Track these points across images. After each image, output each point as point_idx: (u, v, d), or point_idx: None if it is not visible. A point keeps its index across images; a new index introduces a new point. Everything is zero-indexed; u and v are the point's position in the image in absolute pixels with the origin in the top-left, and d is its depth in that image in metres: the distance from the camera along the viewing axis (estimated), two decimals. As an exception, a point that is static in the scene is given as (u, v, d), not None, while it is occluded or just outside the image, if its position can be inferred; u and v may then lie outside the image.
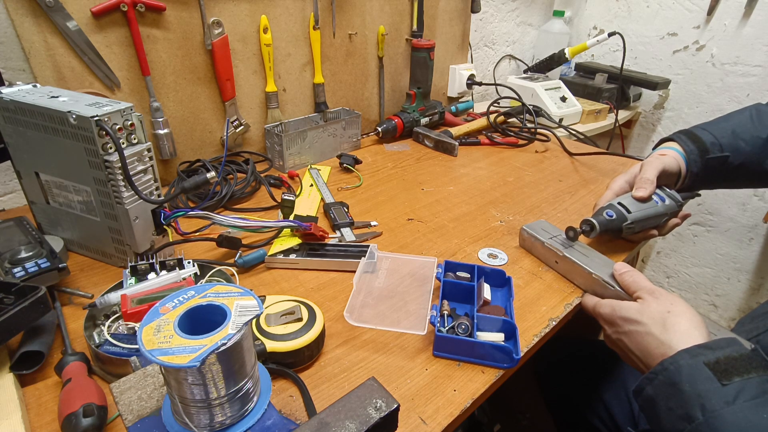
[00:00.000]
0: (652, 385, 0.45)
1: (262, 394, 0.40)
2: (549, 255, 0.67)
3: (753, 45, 1.37)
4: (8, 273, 0.53)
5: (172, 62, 0.82)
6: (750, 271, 1.61)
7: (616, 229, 0.67)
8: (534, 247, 0.69)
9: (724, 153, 0.70)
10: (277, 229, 0.70)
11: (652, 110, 1.64)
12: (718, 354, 0.42)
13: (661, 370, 0.44)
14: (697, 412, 0.40)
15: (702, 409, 0.39)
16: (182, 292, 0.38)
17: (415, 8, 1.14)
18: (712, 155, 0.70)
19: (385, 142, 1.13)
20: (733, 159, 0.70)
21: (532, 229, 0.69)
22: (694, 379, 0.41)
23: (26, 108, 0.56)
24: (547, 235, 0.68)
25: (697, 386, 0.40)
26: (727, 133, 0.71)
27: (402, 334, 0.55)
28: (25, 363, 0.47)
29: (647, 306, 0.50)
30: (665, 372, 0.44)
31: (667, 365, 0.44)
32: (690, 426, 0.40)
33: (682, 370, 0.42)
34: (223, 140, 0.94)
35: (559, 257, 0.65)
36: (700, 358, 0.42)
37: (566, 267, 0.64)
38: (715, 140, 0.71)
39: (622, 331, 0.51)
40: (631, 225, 0.66)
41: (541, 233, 0.68)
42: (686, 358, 0.43)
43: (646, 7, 1.56)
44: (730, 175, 0.71)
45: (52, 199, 0.64)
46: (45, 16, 0.69)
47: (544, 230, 0.69)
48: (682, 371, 0.42)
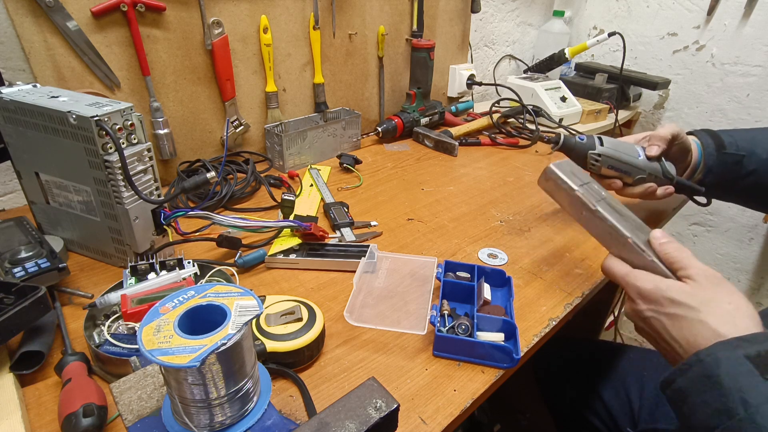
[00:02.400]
0: (684, 377, 0.42)
1: (262, 394, 0.40)
2: (576, 205, 0.56)
3: (753, 45, 1.37)
4: (8, 273, 0.53)
5: (172, 62, 0.82)
6: (750, 271, 1.61)
7: (581, 154, 0.67)
8: (558, 193, 0.59)
9: (740, 152, 0.71)
10: (277, 229, 0.70)
11: (652, 110, 1.64)
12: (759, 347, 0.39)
13: (696, 361, 0.41)
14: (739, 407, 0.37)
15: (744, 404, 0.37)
16: (182, 292, 0.38)
17: (415, 8, 1.14)
18: (727, 151, 0.71)
19: (385, 142, 1.13)
20: (747, 162, 0.71)
21: (560, 171, 0.58)
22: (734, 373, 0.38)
23: (26, 108, 0.56)
24: (578, 181, 0.57)
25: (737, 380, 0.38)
26: (747, 137, 0.72)
27: (402, 334, 0.55)
28: (25, 363, 0.47)
29: (703, 291, 0.45)
30: (700, 363, 0.41)
31: (703, 357, 0.41)
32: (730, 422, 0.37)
33: (721, 362, 0.39)
34: (223, 140, 0.94)
35: (588, 210, 0.55)
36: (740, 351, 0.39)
37: (594, 223, 0.55)
38: (733, 141, 0.72)
39: (664, 312, 0.46)
40: (596, 156, 0.67)
41: (572, 178, 0.57)
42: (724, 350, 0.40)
43: (646, 7, 1.56)
44: (742, 180, 0.72)
45: (52, 199, 0.64)
46: (45, 16, 0.69)
47: (574, 174, 0.58)
48: (720, 363, 0.39)
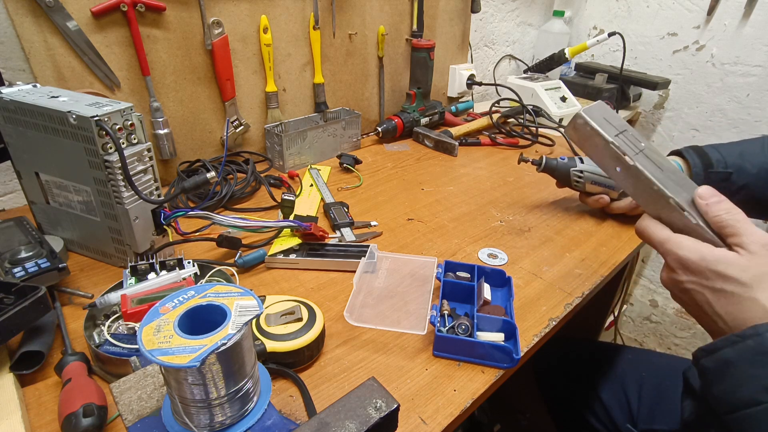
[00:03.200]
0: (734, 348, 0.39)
1: (262, 394, 0.40)
2: (610, 158, 0.49)
3: (753, 45, 1.37)
4: (8, 273, 0.53)
5: (172, 62, 0.82)
6: (750, 271, 1.60)
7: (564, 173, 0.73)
8: (590, 142, 0.51)
9: (728, 170, 0.71)
10: (277, 229, 0.70)
11: (652, 110, 1.64)
12: None
13: (754, 334, 0.39)
14: None
15: None
16: (182, 292, 0.38)
17: (415, 8, 1.14)
18: (714, 170, 0.72)
19: (385, 142, 1.13)
20: (736, 178, 0.71)
21: (592, 118, 0.50)
22: None
23: (26, 108, 0.56)
24: (613, 130, 0.50)
25: None
26: (735, 153, 0.73)
27: (402, 334, 0.55)
28: (25, 363, 0.47)
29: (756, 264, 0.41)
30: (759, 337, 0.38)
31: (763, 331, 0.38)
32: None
33: None
34: (223, 140, 0.94)
35: (624, 164, 0.48)
36: None
37: (631, 180, 0.49)
38: (721, 158, 0.72)
39: (709, 286, 0.43)
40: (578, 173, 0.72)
41: (605, 126, 0.49)
42: None
43: (646, 7, 1.56)
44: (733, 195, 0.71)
45: (52, 199, 0.64)
46: (45, 16, 0.69)
47: (608, 121, 0.50)
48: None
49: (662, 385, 0.77)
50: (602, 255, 0.71)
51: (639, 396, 0.77)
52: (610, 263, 0.69)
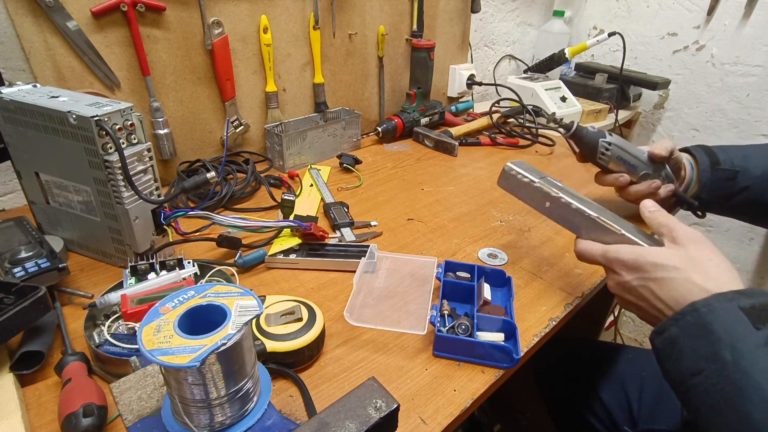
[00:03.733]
0: (678, 326, 0.44)
1: (262, 394, 0.40)
2: (538, 197, 0.59)
3: (753, 45, 1.37)
4: (8, 273, 0.53)
5: (172, 62, 0.82)
6: (750, 271, 1.61)
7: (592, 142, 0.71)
8: (519, 188, 0.61)
9: (734, 168, 0.73)
10: (277, 229, 0.70)
11: (652, 110, 1.64)
12: (754, 300, 0.41)
13: (691, 311, 0.43)
14: (726, 353, 0.39)
15: (732, 351, 0.39)
16: (182, 292, 0.38)
17: (415, 8, 1.14)
18: (721, 167, 0.73)
19: (385, 142, 1.13)
20: (740, 179, 0.73)
21: (518, 167, 0.61)
22: (727, 322, 0.40)
23: (26, 108, 0.56)
24: (537, 175, 0.61)
25: (729, 329, 0.40)
26: (741, 154, 0.74)
27: (402, 334, 0.55)
28: (25, 363, 0.47)
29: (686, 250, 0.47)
30: (695, 313, 0.42)
31: (699, 306, 0.42)
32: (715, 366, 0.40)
33: (717, 312, 0.41)
34: (223, 140, 0.94)
35: (551, 198, 0.58)
36: (735, 303, 0.41)
37: (559, 211, 0.58)
38: (727, 157, 0.74)
39: (650, 278, 0.48)
40: (606, 145, 0.70)
41: (530, 172, 0.61)
42: (721, 301, 0.42)
43: (646, 7, 1.56)
44: (735, 196, 0.74)
45: (52, 199, 0.64)
46: (45, 16, 0.69)
47: (531, 170, 0.62)
48: (716, 313, 0.41)
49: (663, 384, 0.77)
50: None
51: (639, 396, 0.77)
52: (610, 263, 0.69)
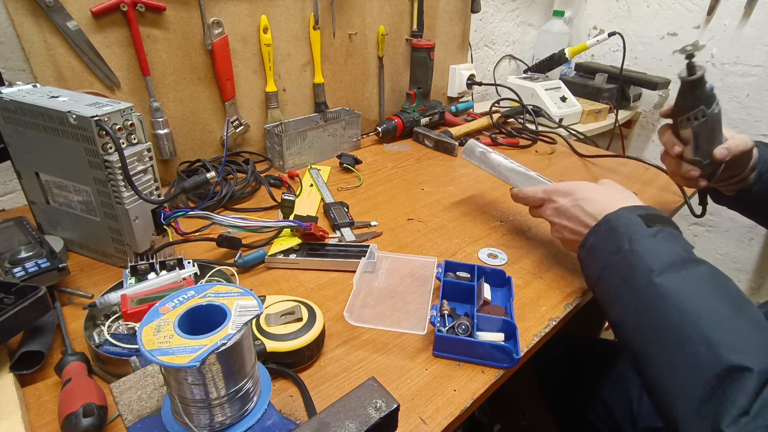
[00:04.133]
0: (594, 234, 0.56)
1: (262, 394, 0.40)
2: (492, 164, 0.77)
3: (753, 45, 1.37)
4: (8, 273, 0.53)
5: (172, 62, 0.82)
6: (750, 271, 1.61)
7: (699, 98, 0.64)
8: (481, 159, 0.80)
9: None
10: (277, 229, 0.70)
11: (652, 110, 1.64)
12: (648, 211, 0.54)
13: (604, 221, 0.55)
14: (625, 243, 0.51)
15: (629, 241, 0.51)
16: (182, 292, 0.38)
17: (415, 8, 1.14)
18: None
19: (385, 142, 1.13)
20: None
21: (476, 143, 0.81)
22: (628, 223, 0.53)
23: (26, 108, 0.56)
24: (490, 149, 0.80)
25: (628, 228, 0.52)
26: None
27: (402, 334, 0.55)
28: (25, 363, 0.47)
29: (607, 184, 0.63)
30: (607, 222, 0.55)
31: (610, 217, 0.55)
32: (618, 256, 0.51)
33: (620, 218, 0.54)
34: (223, 140, 0.94)
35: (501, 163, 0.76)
36: (635, 212, 0.54)
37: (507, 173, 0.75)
38: None
39: (581, 197, 0.60)
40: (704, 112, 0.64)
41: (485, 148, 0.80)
42: (624, 212, 0.54)
43: (646, 7, 1.56)
44: None
45: (52, 199, 0.64)
46: (45, 16, 0.69)
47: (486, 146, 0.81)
48: (620, 219, 0.54)
49: None
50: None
51: (640, 395, 0.77)
52: (610, 263, 0.69)
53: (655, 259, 0.48)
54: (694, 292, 0.45)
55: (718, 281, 0.46)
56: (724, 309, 0.44)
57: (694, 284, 0.46)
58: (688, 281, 0.46)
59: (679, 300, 0.45)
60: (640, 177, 0.98)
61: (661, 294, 0.46)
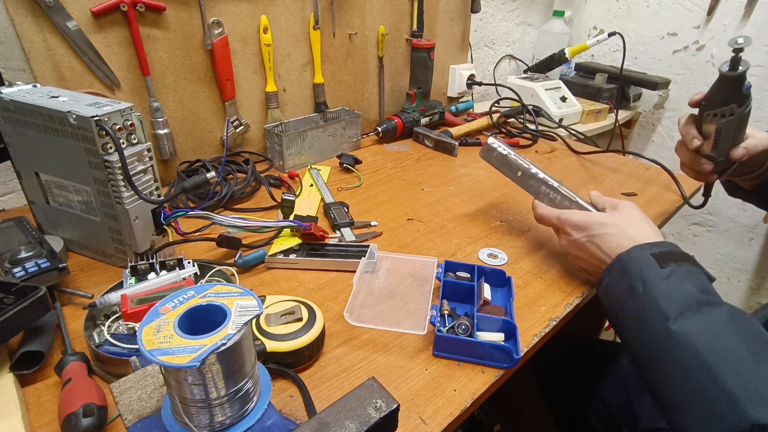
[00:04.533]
0: (609, 275, 0.55)
1: (262, 394, 0.40)
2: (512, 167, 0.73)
3: (753, 45, 1.37)
4: (8, 273, 0.53)
5: (172, 62, 0.82)
6: (750, 271, 1.61)
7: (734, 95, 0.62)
8: (499, 159, 0.75)
9: None
10: (277, 229, 0.70)
11: (652, 110, 1.64)
12: (662, 249, 0.53)
13: (617, 261, 0.54)
14: (639, 286, 0.50)
15: (643, 284, 0.50)
16: (182, 292, 0.38)
17: (415, 8, 1.14)
18: None
19: (385, 142, 1.13)
20: None
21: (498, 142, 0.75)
22: (641, 264, 0.51)
23: (26, 108, 0.56)
24: (513, 150, 0.74)
25: (641, 268, 0.51)
26: None
27: (402, 334, 0.55)
28: (25, 363, 0.47)
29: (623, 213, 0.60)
30: (620, 262, 0.54)
31: (622, 257, 0.54)
32: (632, 297, 0.50)
33: (633, 259, 0.53)
34: (223, 140, 0.94)
35: (522, 169, 0.71)
36: (647, 251, 0.52)
37: (528, 180, 0.70)
38: None
39: (596, 233, 0.59)
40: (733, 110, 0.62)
41: (508, 147, 0.75)
42: (637, 251, 0.53)
43: (646, 7, 1.56)
44: None
45: (52, 199, 0.64)
46: (45, 16, 0.69)
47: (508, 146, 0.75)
48: (633, 260, 0.52)
49: None
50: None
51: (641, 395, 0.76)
52: (610, 263, 0.69)
53: (670, 303, 0.47)
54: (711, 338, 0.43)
55: (736, 324, 0.45)
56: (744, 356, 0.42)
57: (712, 329, 0.44)
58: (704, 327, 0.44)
59: (697, 349, 0.43)
60: (641, 176, 0.98)
61: (678, 341, 0.44)
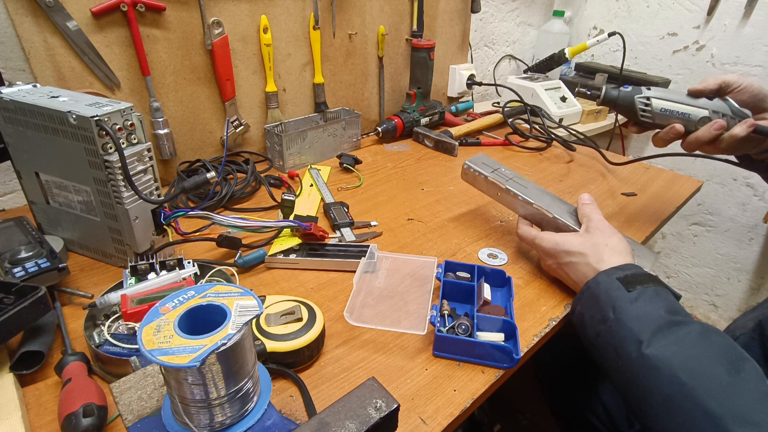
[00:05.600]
0: (580, 303, 0.55)
1: (262, 394, 0.40)
2: (491, 187, 0.70)
3: (753, 45, 1.37)
4: (8, 273, 0.53)
5: (172, 62, 0.82)
6: (750, 271, 1.61)
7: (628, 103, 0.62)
8: (476, 181, 0.72)
9: None
10: (277, 229, 0.70)
11: (652, 110, 1.64)
12: (627, 272, 0.53)
13: (586, 289, 0.54)
14: (609, 312, 0.50)
15: (613, 309, 0.50)
16: (182, 292, 0.38)
17: (415, 8, 1.14)
18: None
19: (385, 142, 1.13)
20: None
21: (474, 164, 0.72)
22: (608, 289, 0.52)
23: (26, 108, 0.56)
24: (489, 169, 0.71)
25: (609, 294, 0.51)
26: None
27: (402, 334, 0.55)
28: (25, 363, 0.47)
29: (590, 237, 0.58)
30: (588, 290, 0.54)
31: (590, 284, 0.54)
32: (605, 325, 0.50)
33: (600, 285, 0.53)
34: (223, 140, 0.94)
35: (501, 189, 0.69)
36: (614, 275, 0.53)
37: (507, 198, 0.69)
38: None
39: (564, 262, 0.59)
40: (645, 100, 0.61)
41: (484, 168, 0.71)
42: (603, 277, 0.53)
43: (646, 7, 1.56)
44: None
45: (52, 199, 0.64)
46: (45, 16, 0.69)
47: (485, 164, 0.72)
48: (600, 286, 0.53)
49: None
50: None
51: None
52: (610, 263, 0.69)
53: (642, 327, 0.47)
54: (685, 358, 0.44)
55: (708, 341, 0.45)
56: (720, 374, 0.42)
57: (685, 349, 0.44)
58: (677, 347, 0.45)
59: (672, 371, 0.43)
60: (641, 176, 0.98)
61: (653, 365, 0.44)
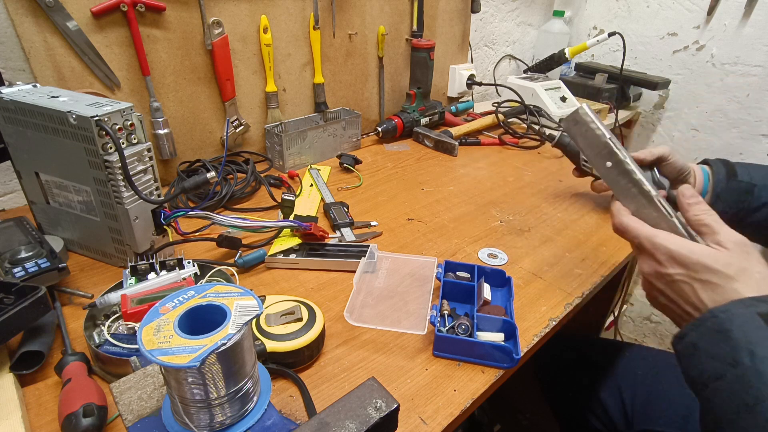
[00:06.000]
0: (697, 332, 0.44)
1: (262, 394, 0.40)
2: (603, 153, 0.54)
3: (753, 45, 1.37)
4: (8, 273, 0.53)
5: (172, 62, 0.82)
6: (750, 271, 1.60)
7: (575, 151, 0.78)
8: (587, 136, 0.55)
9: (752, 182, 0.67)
10: (277, 229, 0.70)
11: (652, 110, 1.64)
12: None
13: (710, 317, 0.43)
14: (745, 358, 0.39)
15: (750, 355, 0.39)
16: (182, 292, 0.38)
17: (415, 8, 1.14)
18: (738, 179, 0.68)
19: (385, 142, 1.13)
20: (759, 192, 0.68)
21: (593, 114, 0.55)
22: (746, 327, 0.40)
23: (26, 108, 0.56)
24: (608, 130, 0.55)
25: (748, 334, 0.40)
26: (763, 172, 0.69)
27: (402, 334, 0.55)
28: (25, 363, 0.47)
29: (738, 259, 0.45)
30: (714, 319, 0.42)
31: (717, 313, 0.42)
32: (735, 370, 0.40)
33: (734, 318, 0.41)
34: (223, 140, 0.94)
35: (616, 161, 0.53)
36: (753, 309, 0.41)
37: (618, 176, 0.53)
38: (746, 171, 0.69)
39: (697, 278, 0.46)
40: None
41: (602, 125, 0.55)
42: (739, 308, 0.42)
43: (646, 7, 1.56)
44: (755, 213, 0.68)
45: (52, 199, 0.64)
46: (45, 16, 0.69)
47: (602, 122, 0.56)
48: (734, 319, 0.41)
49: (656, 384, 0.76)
50: (602, 255, 0.71)
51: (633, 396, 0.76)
52: (610, 263, 0.69)
53: None
54: None
55: None
56: None
57: None
58: None
59: None
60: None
61: None
